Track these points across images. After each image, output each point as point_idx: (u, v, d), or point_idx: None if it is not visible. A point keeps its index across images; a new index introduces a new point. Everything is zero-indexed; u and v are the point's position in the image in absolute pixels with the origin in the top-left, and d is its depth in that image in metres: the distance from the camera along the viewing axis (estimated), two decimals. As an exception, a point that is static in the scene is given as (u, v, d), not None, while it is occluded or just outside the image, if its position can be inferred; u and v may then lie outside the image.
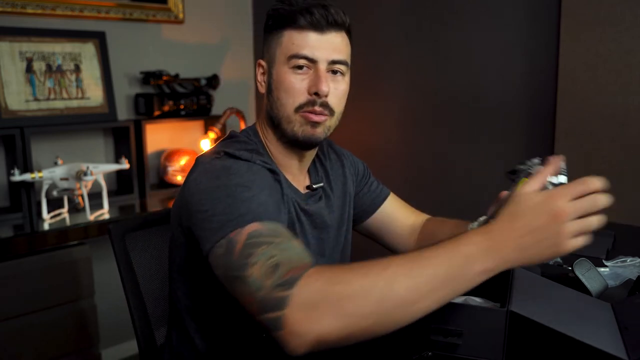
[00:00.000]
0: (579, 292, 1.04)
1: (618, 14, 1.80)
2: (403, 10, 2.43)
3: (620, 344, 0.87)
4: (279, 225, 0.86)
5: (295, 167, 1.11)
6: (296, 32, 1.01)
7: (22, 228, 2.02)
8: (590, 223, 0.77)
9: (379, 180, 1.35)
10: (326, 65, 1.02)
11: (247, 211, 0.85)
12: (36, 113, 2.19)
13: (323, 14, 1.00)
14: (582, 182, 0.77)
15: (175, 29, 2.66)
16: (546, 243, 0.76)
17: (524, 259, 0.77)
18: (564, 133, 1.98)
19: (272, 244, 0.80)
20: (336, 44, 1.03)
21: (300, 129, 1.03)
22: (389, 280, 0.73)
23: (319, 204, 1.13)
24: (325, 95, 1.01)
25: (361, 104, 2.64)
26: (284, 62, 1.02)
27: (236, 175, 0.92)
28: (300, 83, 1.01)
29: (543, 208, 0.76)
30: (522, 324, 0.85)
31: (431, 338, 0.86)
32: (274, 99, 1.05)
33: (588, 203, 0.76)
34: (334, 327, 0.72)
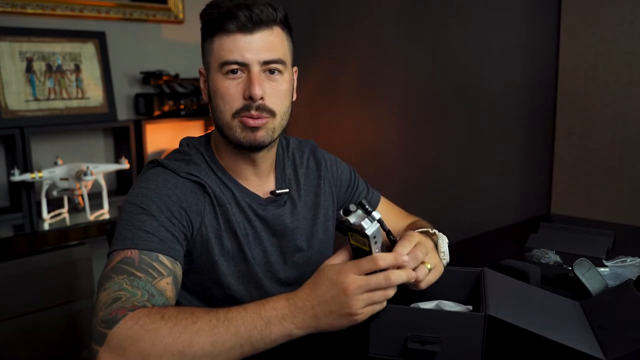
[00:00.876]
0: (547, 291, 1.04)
1: (618, 14, 1.80)
2: (403, 10, 2.43)
3: (595, 343, 0.88)
4: (155, 258, 0.91)
5: (250, 172, 1.09)
6: (225, 37, 1.00)
7: (22, 228, 2.02)
8: (375, 296, 0.82)
9: (369, 185, 1.31)
10: (259, 67, 1.00)
11: (132, 236, 0.92)
12: (36, 113, 2.19)
13: (247, 15, 0.98)
14: (372, 259, 0.82)
15: (175, 29, 2.66)
16: (337, 313, 0.82)
17: (322, 326, 0.83)
18: (564, 133, 1.98)
19: (131, 276, 0.87)
20: (267, 44, 1.00)
21: (241, 134, 1.02)
22: (193, 335, 0.78)
23: (280, 210, 1.11)
24: (259, 98, 0.99)
25: (361, 104, 2.64)
26: (217, 69, 1.01)
27: (144, 192, 0.98)
28: (235, 88, 1.00)
29: (334, 282, 0.82)
30: (500, 328, 0.85)
31: (408, 347, 0.86)
32: (213, 107, 1.04)
33: (377, 279, 0.82)
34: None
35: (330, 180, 1.22)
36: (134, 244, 0.91)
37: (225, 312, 0.82)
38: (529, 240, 1.51)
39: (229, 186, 1.07)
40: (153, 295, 0.86)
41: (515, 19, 2.11)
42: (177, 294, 0.93)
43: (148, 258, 0.90)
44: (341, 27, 2.64)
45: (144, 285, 0.86)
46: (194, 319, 0.80)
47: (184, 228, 0.99)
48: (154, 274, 0.89)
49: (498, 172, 2.23)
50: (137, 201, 0.97)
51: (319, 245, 1.18)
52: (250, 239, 1.08)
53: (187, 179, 1.02)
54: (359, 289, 0.81)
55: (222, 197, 1.05)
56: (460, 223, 2.24)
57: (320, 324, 0.83)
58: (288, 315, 0.82)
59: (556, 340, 0.83)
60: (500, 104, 2.19)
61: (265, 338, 0.81)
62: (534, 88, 2.10)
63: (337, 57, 2.69)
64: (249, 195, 1.08)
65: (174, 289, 0.91)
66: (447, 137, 2.36)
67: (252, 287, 1.08)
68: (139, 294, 0.84)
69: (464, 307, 0.97)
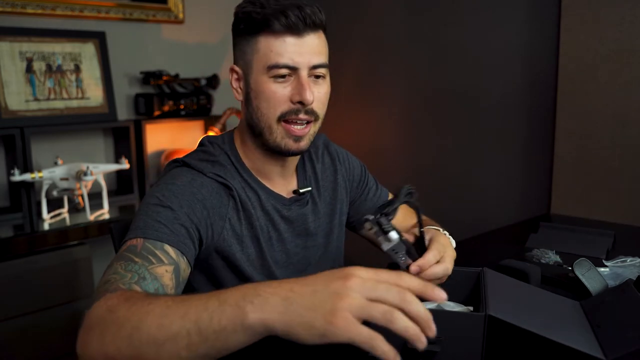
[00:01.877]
0: (547, 291, 1.04)
1: (618, 14, 1.80)
2: (403, 10, 2.43)
3: (595, 343, 0.88)
4: (160, 247, 0.86)
5: (277, 173, 1.07)
6: (273, 37, 0.95)
7: (22, 228, 2.02)
8: (374, 309, 0.59)
9: (377, 181, 1.32)
10: (307, 71, 0.97)
11: (144, 225, 0.89)
12: (36, 113, 2.18)
13: (299, 16, 0.94)
14: (398, 274, 0.63)
15: (175, 29, 2.66)
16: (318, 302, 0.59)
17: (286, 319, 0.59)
18: (564, 133, 1.98)
19: (128, 261, 0.83)
20: (315, 47, 0.98)
21: (282, 141, 0.99)
22: (143, 316, 0.66)
23: (303, 210, 1.10)
24: (310, 103, 0.97)
25: (361, 103, 2.64)
26: (262, 71, 0.97)
27: (169, 187, 0.95)
28: (282, 91, 0.97)
29: (341, 270, 0.62)
30: (500, 328, 0.85)
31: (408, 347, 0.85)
32: (253, 109, 1.01)
33: (388, 288, 0.60)
34: (98, 355, 0.69)
35: (344, 175, 1.21)
36: (143, 233, 0.87)
37: (186, 295, 0.68)
38: (529, 240, 1.51)
39: (255, 188, 1.04)
40: (144, 278, 0.80)
41: (516, 19, 2.11)
42: (178, 286, 0.86)
43: (152, 246, 0.86)
44: (341, 27, 2.64)
45: (137, 269, 0.81)
46: (153, 300, 0.68)
47: (203, 229, 0.95)
48: (153, 260, 0.84)
49: (498, 172, 2.23)
50: (158, 194, 0.94)
51: (336, 240, 1.18)
52: (274, 242, 1.06)
53: (213, 180, 0.99)
54: (362, 283, 0.60)
55: (247, 202, 1.02)
56: (460, 223, 2.24)
57: (286, 313, 0.59)
58: (249, 295, 0.61)
59: (556, 340, 0.83)
60: (500, 104, 2.19)
61: (214, 323, 0.61)
62: (534, 88, 2.10)
63: (337, 57, 2.69)
64: (274, 197, 1.06)
65: (174, 278, 0.85)
66: (447, 137, 2.36)
67: None
68: (129, 276, 0.80)
69: (465, 307, 0.97)
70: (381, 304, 0.59)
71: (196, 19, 2.72)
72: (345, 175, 1.21)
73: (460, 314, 0.90)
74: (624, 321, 0.91)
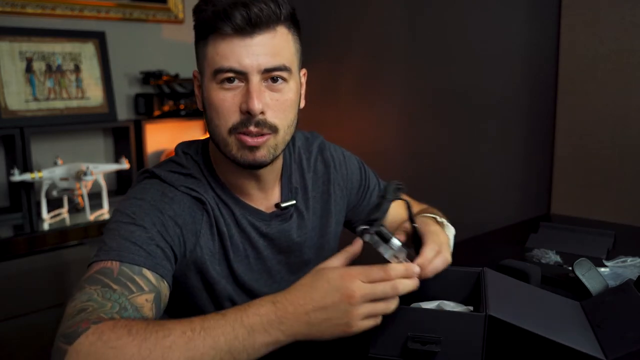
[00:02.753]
0: (547, 291, 1.04)
1: (618, 14, 1.80)
2: (403, 10, 2.43)
3: (595, 343, 0.88)
4: (138, 272, 0.80)
5: (253, 187, 0.98)
6: (220, 39, 0.85)
7: (22, 228, 2.02)
8: (378, 308, 0.76)
9: (378, 178, 1.27)
10: (259, 76, 0.86)
11: (117, 247, 0.82)
12: (36, 113, 2.19)
13: (245, 15, 0.83)
14: (383, 269, 0.75)
15: (175, 29, 2.66)
16: (335, 321, 0.74)
17: (314, 334, 0.75)
18: (564, 133, 1.98)
19: (105, 287, 0.77)
20: (269, 48, 0.86)
21: (238, 153, 0.89)
22: (166, 352, 0.67)
23: (285, 225, 1.01)
24: (259, 113, 0.86)
25: (361, 104, 2.64)
26: (210, 77, 0.88)
27: (138, 203, 0.88)
28: (231, 100, 0.87)
29: (337, 287, 0.74)
30: (500, 328, 0.85)
31: (408, 347, 0.85)
32: (208, 119, 0.92)
33: (383, 288, 0.75)
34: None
35: (340, 184, 1.12)
36: (118, 255, 0.81)
37: (201, 322, 0.71)
38: (529, 240, 1.51)
39: (228, 204, 0.96)
40: (125, 309, 0.76)
41: (516, 19, 2.11)
42: (158, 314, 0.82)
43: (129, 271, 0.80)
44: (341, 27, 2.64)
45: (117, 298, 0.76)
46: (166, 332, 0.69)
47: (177, 247, 0.89)
48: (132, 287, 0.78)
49: (498, 172, 2.23)
50: (129, 211, 0.87)
51: (330, 253, 1.06)
52: (251, 261, 0.99)
53: (185, 194, 0.92)
54: (363, 297, 0.74)
55: (220, 219, 0.95)
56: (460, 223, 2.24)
57: (311, 332, 0.74)
58: (274, 322, 0.73)
59: (556, 340, 0.83)
60: (500, 104, 2.19)
61: (248, 348, 0.72)
62: (534, 88, 2.10)
63: (337, 57, 2.69)
64: (251, 212, 0.98)
65: (155, 307, 0.80)
66: (447, 137, 2.36)
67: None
68: (109, 305, 0.75)
69: (465, 307, 0.97)
70: (380, 303, 0.76)
71: (196, 19, 2.72)
72: (342, 183, 1.13)
73: (460, 314, 0.90)
74: (624, 321, 0.91)
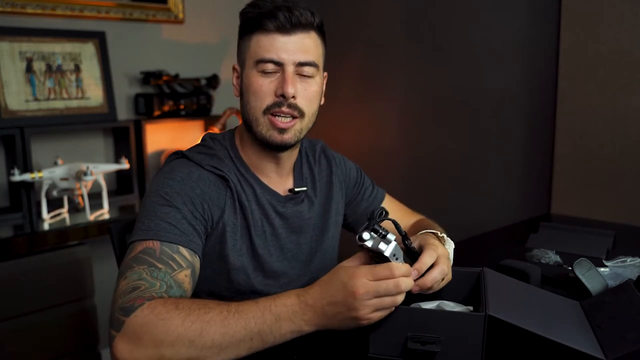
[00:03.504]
0: (547, 291, 1.04)
1: (618, 14, 1.80)
2: (403, 10, 2.43)
3: (595, 343, 0.88)
4: (176, 250, 0.93)
5: (272, 170, 1.12)
6: (263, 35, 1.02)
7: (22, 228, 2.02)
8: (384, 302, 0.83)
9: (374, 183, 1.35)
10: (293, 67, 1.03)
11: (155, 227, 0.94)
12: (36, 113, 2.18)
13: (287, 16, 1.01)
14: (388, 267, 0.83)
15: (175, 29, 2.66)
16: (345, 315, 0.83)
17: (332, 325, 0.85)
18: (564, 133, 1.98)
19: (152, 267, 0.90)
20: (303, 46, 1.03)
21: (267, 132, 1.05)
22: (204, 325, 0.81)
23: (298, 207, 1.15)
24: (291, 97, 1.02)
25: (361, 103, 2.64)
26: (252, 65, 1.04)
27: (169, 183, 1.01)
28: (268, 85, 1.03)
29: (344, 284, 0.83)
30: (500, 328, 0.85)
31: (408, 347, 0.85)
32: (244, 102, 1.07)
33: (386, 286, 0.82)
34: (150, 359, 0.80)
35: (340, 177, 1.25)
36: (157, 235, 0.93)
37: (236, 305, 0.84)
38: (529, 240, 1.51)
39: (251, 182, 1.09)
40: (171, 286, 0.89)
41: (516, 19, 2.11)
42: (194, 286, 0.96)
43: (169, 250, 0.93)
44: (341, 27, 2.64)
45: (163, 277, 0.89)
46: (207, 310, 0.82)
47: (205, 222, 1.01)
48: (173, 265, 0.91)
49: (498, 172, 2.23)
50: (162, 192, 0.99)
51: (331, 239, 1.21)
52: (268, 236, 1.10)
53: (211, 172, 1.05)
54: (367, 294, 0.82)
55: (242, 194, 1.07)
56: (460, 223, 2.24)
57: (329, 323, 0.85)
58: (298, 312, 0.84)
59: (556, 340, 0.83)
60: (501, 104, 2.19)
61: (275, 332, 0.83)
62: (534, 88, 2.10)
63: (337, 57, 2.69)
64: (270, 193, 1.11)
65: (192, 281, 0.94)
66: (447, 137, 2.36)
67: (261, 284, 1.09)
68: (158, 284, 0.87)
69: (465, 307, 0.97)
70: (387, 297, 0.83)
71: (196, 19, 2.72)
72: (341, 177, 1.26)
73: (460, 314, 0.90)
74: (624, 321, 0.91)
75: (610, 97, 1.85)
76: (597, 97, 1.88)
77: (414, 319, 0.87)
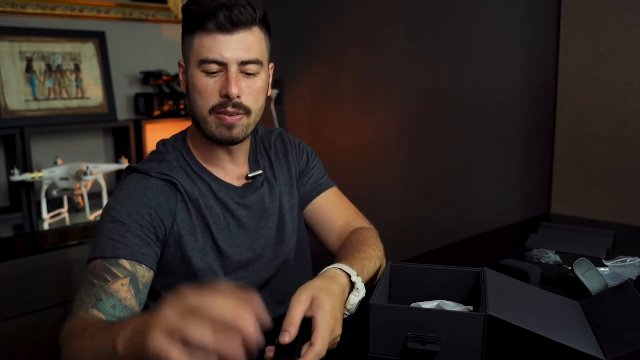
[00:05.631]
0: (547, 291, 1.04)
1: (618, 14, 1.80)
2: (402, 11, 2.43)
3: (595, 343, 0.88)
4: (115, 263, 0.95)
5: (227, 161, 1.14)
6: (205, 35, 1.03)
7: (22, 228, 2.02)
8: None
9: (327, 174, 1.32)
10: (237, 66, 1.03)
11: (100, 245, 0.97)
12: (36, 113, 2.19)
13: (227, 16, 1.01)
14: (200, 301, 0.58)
15: (175, 29, 2.66)
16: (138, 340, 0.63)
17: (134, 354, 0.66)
18: (564, 133, 1.98)
19: (89, 285, 0.93)
20: (245, 44, 1.04)
21: (217, 130, 1.06)
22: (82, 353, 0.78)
23: (258, 193, 1.16)
24: (235, 97, 1.03)
25: (361, 104, 2.64)
26: (196, 65, 1.04)
27: (117, 199, 1.03)
28: (213, 85, 1.04)
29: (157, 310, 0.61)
30: (500, 328, 0.85)
31: (408, 346, 0.85)
32: (191, 100, 1.08)
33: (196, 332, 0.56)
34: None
35: (294, 156, 1.27)
36: (101, 253, 0.96)
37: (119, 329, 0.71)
38: (529, 240, 1.51)
39: (206, 180, 1.10)
40: (100, 299, 0.90)
41: (515, 19, 2.11)
42: (138, 294, 0.95)
43: (108, 264, 0.94)
44: (341, 27, 2.64)
45: (95, 292, 0.91)
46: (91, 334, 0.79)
47: (155, 229, 1.02)
48: (107, 277, 0.93)
49: (498, 172, 2.23)
50: (110, 209, 1.02)
51: (298, 219, 1.23)
52: (233, 229, 1.11)
53: (158, 179, 1.06)
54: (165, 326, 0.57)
55: (194, 194, 1.08)
56: (460, 223, 2.24)
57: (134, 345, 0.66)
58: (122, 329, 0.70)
59: (556, 340, 0.83)
60: (501, 104, 2.19)
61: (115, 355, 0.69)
62: (534, 88, 2.10)
63: (336, 57, 2.69)
64: (226, 187, 1.12)
65: (132, 288, 0.94)
66: (447, 137, 2.36)
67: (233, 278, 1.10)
68: (87, 300, 0.90)
69: (465, 307, 0.97)
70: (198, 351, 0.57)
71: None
72: (295, 156, 1.28)
73: (460, 313, 0.90)
74: (624, 321, 0.91)
75: (610, 97, 1.85)
76: (597, 97, 1.88)
77: (414, 319, 0.87)
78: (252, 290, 0.61)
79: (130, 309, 0.93)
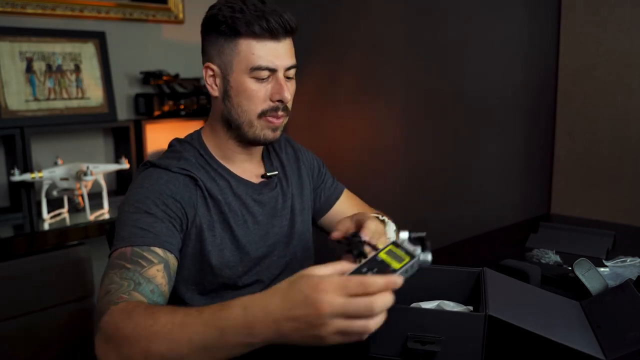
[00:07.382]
0: (547, 291, 1.04)
1: (618, 14, 1.80)
2: (402, 11, 2.43)
3: (595, 343, 0.88)
4: (147, 250, 0.95)
5: (245, 160, 1.16)
6: (254, 41, 1.04)
7: (22, 228, 2.02)
8: (355, 327, 0.68)
9: (334, 177, 1.38)
10: (283, 72, 1.07)
11: (127, 235, 0.97)
12: (36, 113, 2.19)
13: (280, 22, 1.03)
14: (361, 283, 0.68)
15: (175, 29, 2.66)
16: (305, 332, 0.70)
17: (289, 341, 0.72)
18: (563, 133, 1.98)
19: (122, 269, 0.91)
20: (289, 50, 1.07)
21: (261, 132, 1.09)
22: (152, 338, 0.78)
23: (273, 192, 1.19)
24: (288, 102, 1.08)
25: (361, 104, 2.64)
26: (244, 71, 1.05)
27: (139, 191, 1.03)
28: (263, 91, 1.06)
29: (307, 297, 0.68)
30: (500, 328, 0.85)
31: (408, 346, 0.85)
32: (232, 105, 1.09)
33: (357, 307, 0.67)
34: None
35: (305, 164, 1.30)
36: (129, 242, 0.95)
37: (182, 316, 0.78)
38: (529, 240, 1.51)
39: (225, 176, 1.12)
40: (139, 283, 0.90)
41: (515, 19, 2.11)
42: (170, 281, 0.96)
43: (140, 250, 0.94)
44: (341, 27, 2.64)
45: (132, 275, 0.90)
46: (152, 322, 0.78)
47: (180, 219, 1.03)
48: (143, 263, 0.93)
49: (498, 172, 2.23)
50: (133, 200, 1.01)
51: (306, 222, 1.26)
52: (249, 225, 1.13)
53: (179, 174, 1.07)
54: (333, 314, 0.67)
55: (213, 189, 1.09)
56: (460, 223, 2.24)
57: (282, 340, 0.72)
58: (243, 327, 0.72)
59: (556, 340, 0.83)
60: (501, 104, 2.19)
61: (223, 347, 0.74)
62: (534, 88, 2.10)
63: (336, 57, 2.69)
64: (244, 184, 1.14)
65: (166, 275, 0.95)
66: (447, 137, 2.36)
67: (249, 273, 1.12)
68: (126, 284, 0.89)
69: (465, 307, 0.97)
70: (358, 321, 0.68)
71: (196, 19, 2.71)
72: (307, 164, 1.31)
73: (460, 313, 0.90)
74: (624, 321, 0.91)
75: (610, 97, 1.85)
76: (597, 97, 1.88)
77: (414, 319, 0.87)
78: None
79: (164, 296, 0.93)
